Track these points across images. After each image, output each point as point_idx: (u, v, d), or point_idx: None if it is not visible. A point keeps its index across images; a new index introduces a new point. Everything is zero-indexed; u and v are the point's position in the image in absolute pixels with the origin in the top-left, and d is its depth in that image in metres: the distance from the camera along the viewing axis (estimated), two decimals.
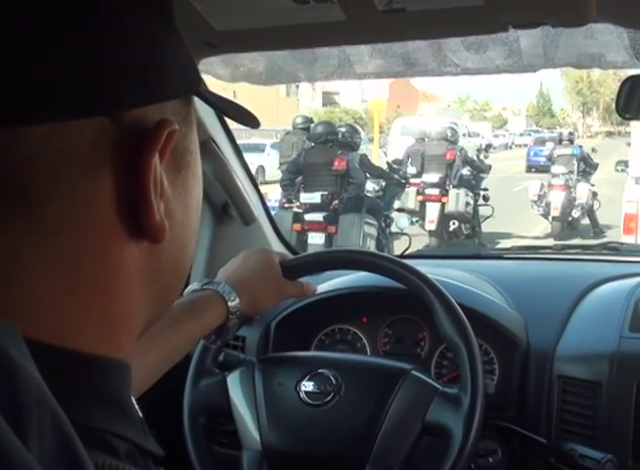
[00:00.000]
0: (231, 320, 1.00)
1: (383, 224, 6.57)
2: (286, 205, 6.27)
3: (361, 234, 5.89)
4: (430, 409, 1.01)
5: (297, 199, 6.16)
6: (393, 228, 6.72)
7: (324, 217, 5.94)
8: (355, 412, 1.04)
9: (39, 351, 0.32)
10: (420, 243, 7.49)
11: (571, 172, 9.17)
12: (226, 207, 1.43)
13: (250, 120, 0.51)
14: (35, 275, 0.35)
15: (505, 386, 1.22)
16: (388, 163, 7.49)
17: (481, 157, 9.70)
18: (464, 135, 16.04)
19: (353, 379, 1.07)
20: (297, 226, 5.95)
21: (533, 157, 18.98)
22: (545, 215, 9.19)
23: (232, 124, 1.30)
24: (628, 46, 1.03)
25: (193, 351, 1.13)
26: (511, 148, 34.34)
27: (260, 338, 1.33)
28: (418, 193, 8.04)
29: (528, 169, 18.93)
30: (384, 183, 7.09)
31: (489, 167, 9.09)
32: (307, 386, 1.07)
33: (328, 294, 1.32)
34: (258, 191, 1.50)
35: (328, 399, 1.05)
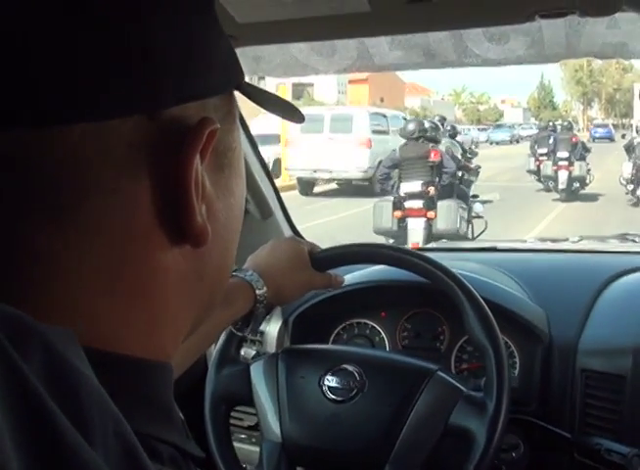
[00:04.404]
0: (258, 308, 1.00)
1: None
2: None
3: (458, 218, 6.85)
4: (454, 412, 0.99)
5: (395, 190, 7.05)
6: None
7: (423, 204, 6.73)
8: (378, 410, 1.02)
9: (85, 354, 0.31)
10: (545, 199, 12.49)
11: None
12: None
13: (293, 115, 0.50)
14: (77, 281, 0.34)
15: (527, 379, 1.21)
16: (463, 149, 9.43)
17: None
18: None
19: (378, 376, 1.05)
20: (398, 213, 6.81)
21: (594, 134, 35.29)
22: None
23: None
24: None
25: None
26: (518, 141, 36.45)
27: (279, 332, 1.32)
28: (553, 164, 12.54)
29: (592, 140, 31.73)
30: (460, 173, 7.94)
31: (590, 149, 13.62)
32: (331, 381, 1.06)
33: (346, 288, 1.31)
34: (274, 185, 1.49)
35: (351, 395, 1.04)
